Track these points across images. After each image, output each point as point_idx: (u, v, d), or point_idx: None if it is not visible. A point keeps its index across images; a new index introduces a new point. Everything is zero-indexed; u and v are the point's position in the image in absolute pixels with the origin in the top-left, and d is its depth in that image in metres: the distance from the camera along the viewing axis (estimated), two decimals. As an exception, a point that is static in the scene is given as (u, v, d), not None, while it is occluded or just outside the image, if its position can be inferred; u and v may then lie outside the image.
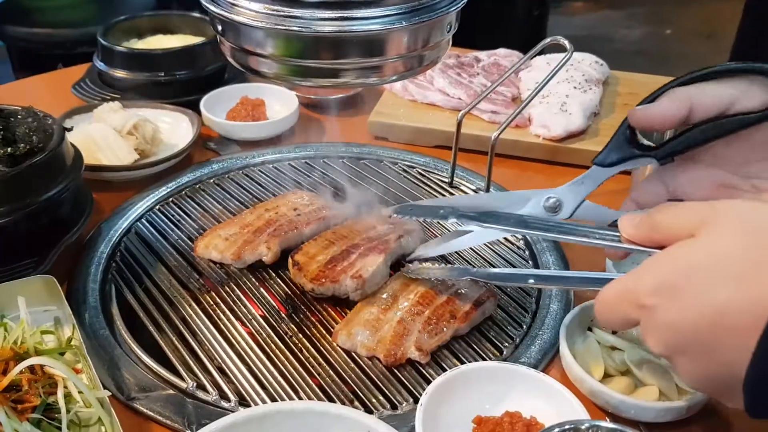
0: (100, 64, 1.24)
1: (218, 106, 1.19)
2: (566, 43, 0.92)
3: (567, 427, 0.54)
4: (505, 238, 0.94)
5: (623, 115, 1.17)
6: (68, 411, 0.62)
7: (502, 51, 1.35)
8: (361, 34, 0.64)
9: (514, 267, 0.88)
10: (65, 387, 0.64)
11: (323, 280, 0.79)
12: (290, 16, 0.63)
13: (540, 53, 1.03)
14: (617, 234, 0.59)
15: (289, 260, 0.83)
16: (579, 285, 0.67)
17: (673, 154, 0.68)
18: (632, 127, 0.69)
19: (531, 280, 0.69)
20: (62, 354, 0.70)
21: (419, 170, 1.09)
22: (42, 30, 2.54)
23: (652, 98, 0.67)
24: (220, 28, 0.70)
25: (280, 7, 0.63)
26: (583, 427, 0.54)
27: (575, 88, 1.18)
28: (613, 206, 0.73)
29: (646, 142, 0.70)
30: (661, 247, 0.53)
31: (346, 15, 0.62)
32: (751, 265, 0.46)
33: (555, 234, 0.65)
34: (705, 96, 0.63)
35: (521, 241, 0.93)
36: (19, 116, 0.89)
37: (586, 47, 1.37)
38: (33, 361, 0.65)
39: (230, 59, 0.73)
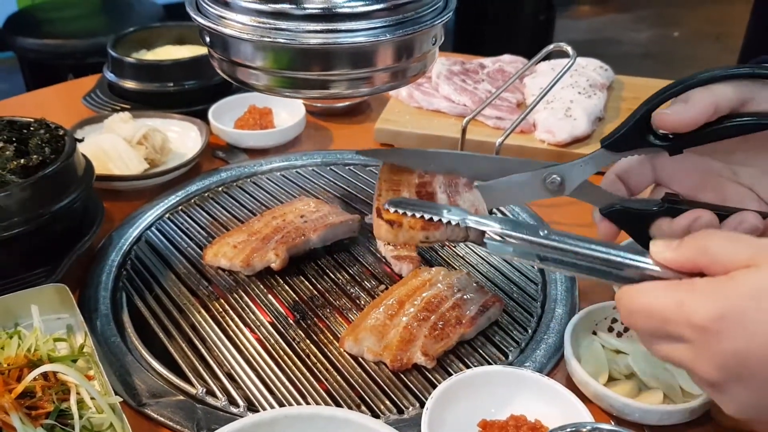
0: (110, 75, 1.26)
1: (226, 115, 1.21)
2: (569, 49, 0.93)
3: (569, 429, 0.54)
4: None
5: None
6: (81, 417, 0.63)
7: (506, 57, 1.36)
8: (348, 46, 0.65)
9: (521, 270, 0.89)
10: (78, 393, 0.65)
11: (435, 226, 0.67)
12: (277, 29, 0.64)
13: (544, 59, 1.04)
14: (644, 260, 0.56)
15: (375, 222, 0.70)
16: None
17: (687, 146, 0.67)
18: (647, 116, 0.67)
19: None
20: (75, 361, 0.71)
21: (425, 176, 1.10)
22: (52, 41, 2.58)
23: (658, 99, 0.65)
24: (208, 39, 0.71)
25: (267, 19, 0.64)
26: (584, 430, 0.54)
27: (580, 93, 1.19)
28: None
29: (661, 131, 0.67)
30: (701, 275, 0.52)
31: (332, 27, 0.63)
32: None
33: (575, 269, 0.61)
34: (723, 98, 0.63)
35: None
36: (32, 128, 0.91)
37: (594, 50, 1.37)
38: (46, 368, 0.66)
39: (219, 71, 0.74)
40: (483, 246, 0.65)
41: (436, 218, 0.66)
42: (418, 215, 0.67)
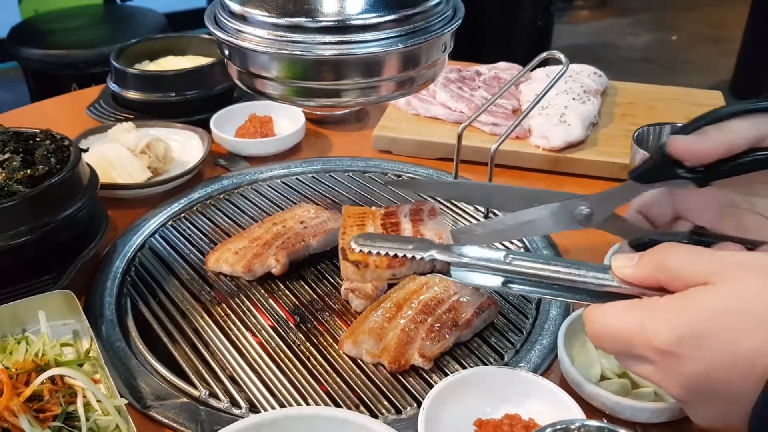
0: (113, 86, 1.28)
1: (227, 124, 1.23)
2: (562, 57, 0.95)
3: (558, 427, 0.56)
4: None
5: (621, 124, 1.22)
6: (87, 419, 0.65)
7: (502, 64, 1.38)
8: (360, 56, 0.67)
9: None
10: (84, 396, 0.67)
11: (400, 262, 0.69)
12: (293, 41, 0.66)
13: (539, 66, 1.06)
14: (606, 277, 0.57)
15: (342, 264, 0.73)
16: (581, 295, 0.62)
17: (715, 179, 0.66)
18: None
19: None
20: (81, 365, 0.73)
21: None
22: (55, 51, 2.61)
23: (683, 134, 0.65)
24: (227, 52, 0.74)
25: (283, 32, 0.66)
26: (573, 427, 0.56)
27: (574, 99, 1.21)
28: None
29: (689, 164, 0.66)
30: (662, 289, 0.53)
31: (345, 39, 0.66)
32: None
33: (541, 289, 0.62)
34: (739, 134, 0.63)
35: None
36: (38, 139, 0.93)
37: (592, 55, 1.40)
38: (54, 372, 0.68)
39: (237, 81, 0.77)
40: (449, 276, 0.66)
41: (401, 254, 0.66)
42: (383, 253, 0.67)
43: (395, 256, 0.67)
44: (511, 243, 0.96)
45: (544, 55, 0.98)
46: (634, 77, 1.37)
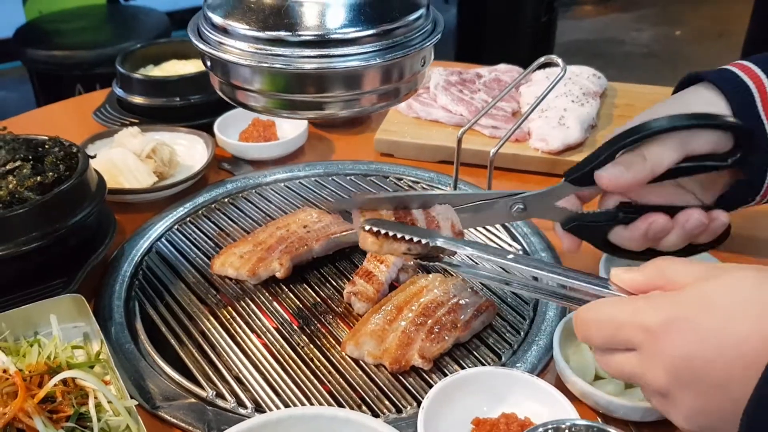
0: (119, 91, 1.30)
1: (231, 128, 1.25)
2: (560, 61, 0.97)
3: (550, 426, 0.58)
4: (496, 232, 1.01)
5: (619, 126, 1.22)
6: (99, 419, 0.67)
7: (502, 66, 1.40)
8: (341, 70, 0.68)
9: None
10: (96, 398, 0.69)
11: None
12: (274, 55, 0.68)
13: (539, 68, 1.07)
14: (603, 284, 0.61)
15: (362, 235, 0.74)
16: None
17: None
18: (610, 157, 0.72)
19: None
20: (92, 367, 0.75)
21: (423, 185, 1.14)
22: (60, 52, 2.63)
23: (618, 146, 0.70)
24: (209, 64, 0.75)
25: (264, 46, 0.68)
26: (564, 426, 0.58)
27: (573, 101, 1.22)
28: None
29: None
30: None
31: (325, 53, 0.67)
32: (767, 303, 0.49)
33: (539, 294, 0.68)
34: (660, 163, 0.68)
35: (512, 239, 0.97)
36: (47, 146, 0.95)
37: (596, 50, 1.41)
38: (66, 374, 0.70)
39: (219, 93, 0.78)
40: (457, 268, 0.70)
41: (407, 237, 0.70)
42: (390, 234, 0.70)
43: (402, 238, 0.70)
44: (510, 246, 0.98)
45: (542, 59, 1.00)
46: (637, 72, 1.39)
